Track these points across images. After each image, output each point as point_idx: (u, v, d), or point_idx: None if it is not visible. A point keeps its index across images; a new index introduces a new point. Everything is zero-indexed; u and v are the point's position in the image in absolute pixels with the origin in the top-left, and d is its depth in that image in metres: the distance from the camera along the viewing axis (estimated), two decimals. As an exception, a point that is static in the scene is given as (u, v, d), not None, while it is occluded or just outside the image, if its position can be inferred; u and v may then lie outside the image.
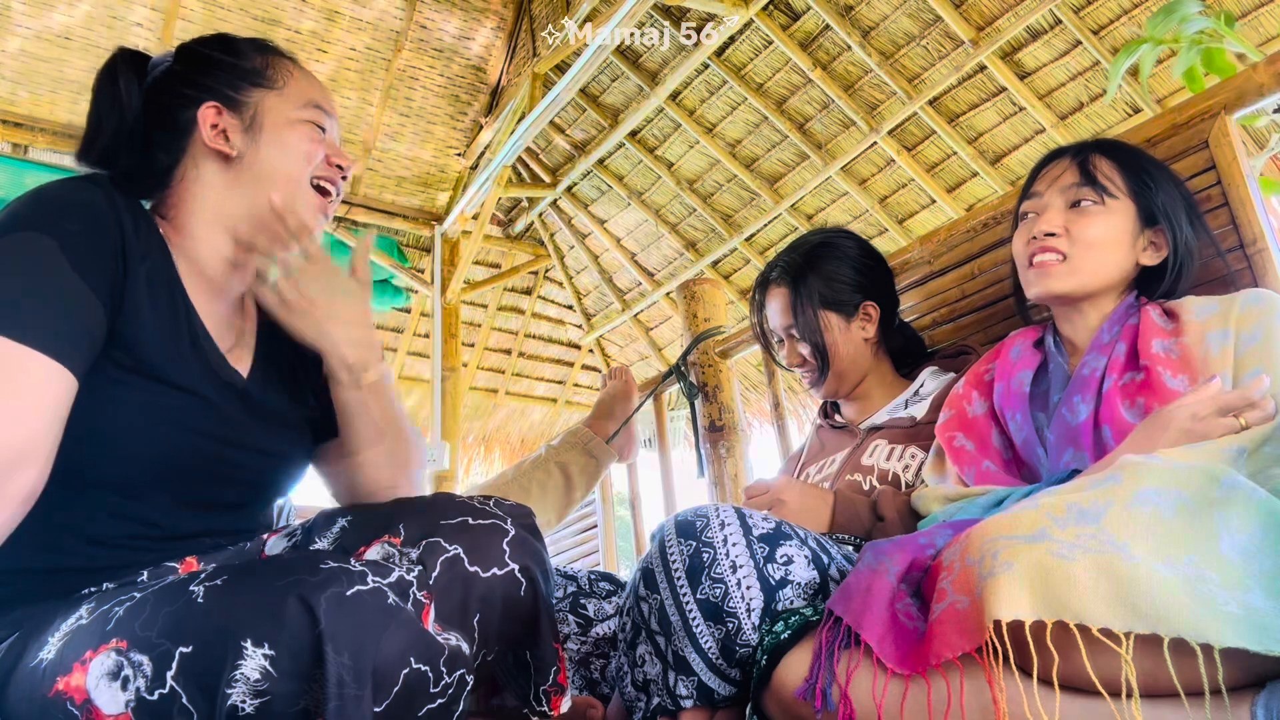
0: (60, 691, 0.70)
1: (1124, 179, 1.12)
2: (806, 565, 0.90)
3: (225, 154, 0.98)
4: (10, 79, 4.02)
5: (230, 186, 0.98)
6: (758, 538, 0.89)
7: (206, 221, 0.98)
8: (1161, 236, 1.13)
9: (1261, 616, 0.58)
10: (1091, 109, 3.74)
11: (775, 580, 0.87)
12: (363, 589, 0.67)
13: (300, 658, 0.64)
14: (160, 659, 0.67)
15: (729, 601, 0.86)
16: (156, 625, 0.69)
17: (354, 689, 0.63)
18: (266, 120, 0.99)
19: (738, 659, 0.86)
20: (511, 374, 6.06)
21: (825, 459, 1.52)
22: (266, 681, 0.63)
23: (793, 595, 0.87)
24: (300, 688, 0.64)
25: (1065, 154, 1.17)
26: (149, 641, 0.68)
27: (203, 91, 0.99)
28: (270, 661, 0.63)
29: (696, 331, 2.16)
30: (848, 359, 1.49)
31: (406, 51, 4.63)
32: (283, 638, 0.64)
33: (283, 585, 0.66)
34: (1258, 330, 0.99)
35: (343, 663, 0.63)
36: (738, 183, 4.80)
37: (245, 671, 0.63)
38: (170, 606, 0.70)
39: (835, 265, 1.51)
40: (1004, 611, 0.63)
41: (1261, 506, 0.65)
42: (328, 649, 0.63)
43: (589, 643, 1.29)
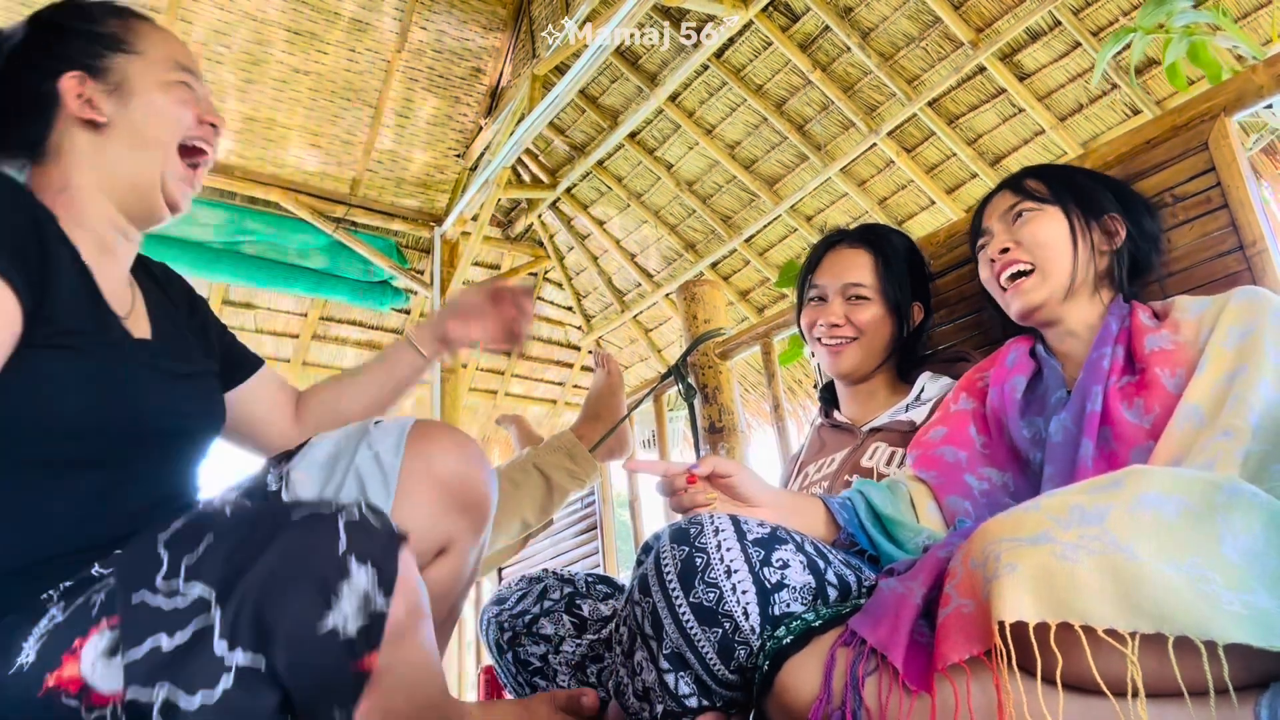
0: (52, 688, 0.69)
1: (1049, 187, 1.20)
2: (802, 570, 0.89)
3: (95, 121, 0.96)
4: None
5: (104, 153, 0.97)
6: (752, 542, 0.89)
7: (90, 191, 0.96)
8: (1115, 223, 1.19)
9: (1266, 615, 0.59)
10: (1090, 110, 3.74)
11: (771, 584, 0.87)
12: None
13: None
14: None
15: (724, 605, 0.86)
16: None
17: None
18: (135, 85, 0.98)
19: (736, 660, 0.86)
20: (511, 375, 6.07)
21: (824, 458, 1.52)
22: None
23: (789, 599, 0.87)
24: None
25: (1000, 187, 1.27)
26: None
27: (62, 61, 0.96)
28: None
29: (696, 333, 2.16)
30: (879, 343, 1.49)
31: (406, 53, 4.64)
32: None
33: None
34: (1249, 327, 0.99)
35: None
36: (737, 184, 4.80)
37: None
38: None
39: (905, 261, 1.52)
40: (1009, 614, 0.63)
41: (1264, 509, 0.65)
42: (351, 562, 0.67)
43: (584, 645, 1.29)
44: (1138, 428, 1.01)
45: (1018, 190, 1.22)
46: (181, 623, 0.66)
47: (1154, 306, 1.15)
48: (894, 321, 1.49)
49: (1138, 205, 1.23)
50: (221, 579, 0.67)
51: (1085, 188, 1.21)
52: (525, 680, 1.33)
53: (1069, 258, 1.16)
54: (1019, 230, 1.18)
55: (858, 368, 1.50)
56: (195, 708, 0.63)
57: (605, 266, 5.67)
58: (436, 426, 1.04)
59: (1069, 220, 1.17)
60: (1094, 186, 1.22)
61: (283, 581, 0.66)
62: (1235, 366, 0.97)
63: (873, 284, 1.48)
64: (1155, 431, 0.99)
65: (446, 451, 1.00)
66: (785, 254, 4.89)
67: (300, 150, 4.77)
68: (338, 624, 0.66)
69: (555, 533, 2.78)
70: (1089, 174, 1.26)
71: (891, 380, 1.53)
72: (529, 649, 1.33)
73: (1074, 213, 1.17)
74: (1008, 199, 1.22)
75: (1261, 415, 0.90)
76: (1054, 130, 3.84)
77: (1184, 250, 1.29)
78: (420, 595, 0.76)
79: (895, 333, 1.49)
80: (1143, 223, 1.21)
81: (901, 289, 1.49)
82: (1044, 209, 1.18)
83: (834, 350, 1.50)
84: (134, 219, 1.00)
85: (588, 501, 2.71)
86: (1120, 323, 1.13)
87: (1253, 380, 0.93)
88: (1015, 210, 1.20)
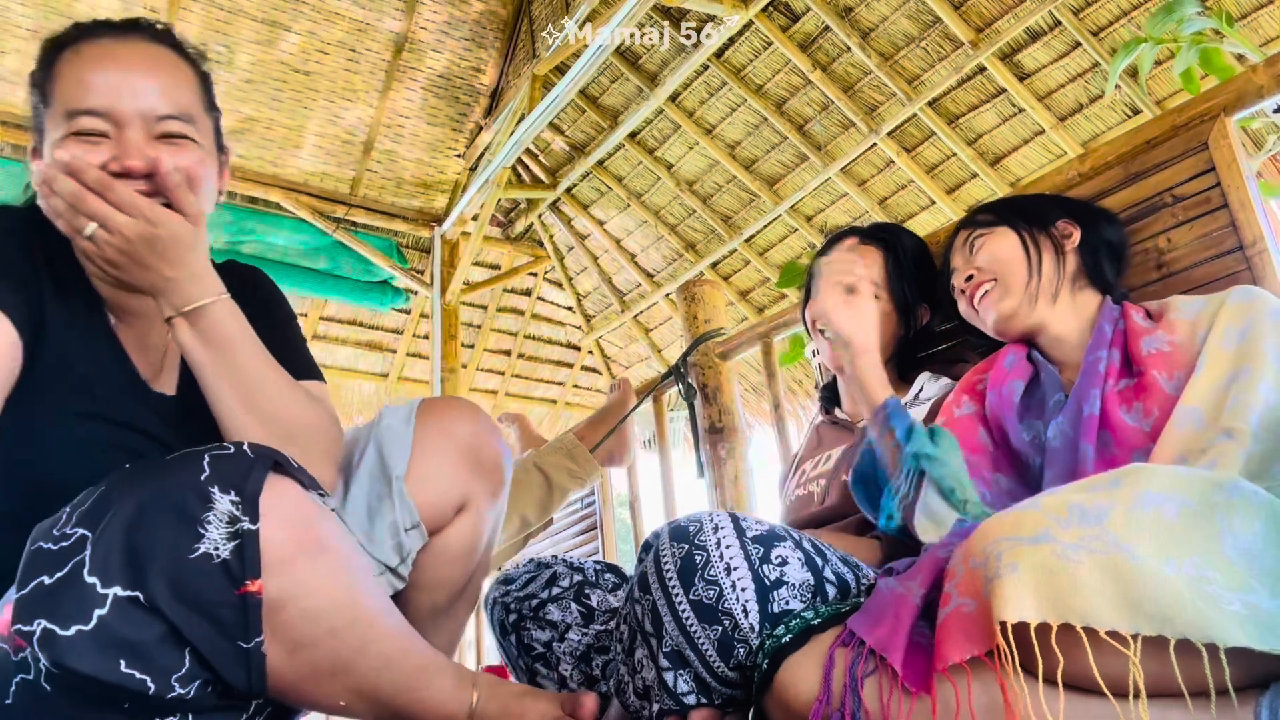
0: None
1: (995, 214, 1.29)
2: (801, 566, 0.89)
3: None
4: (9, 80, 4.02)
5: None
6: (752, 539, 0.89)
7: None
8: (1067, 227, 1.25)
9: (1266, 616, 0.59)
10: (1091, 110, 3.74)
11: (770, 581, 0.87)
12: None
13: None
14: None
15: (724, 602, 0.86)
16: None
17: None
18: (45, 145, 0.90)
19: (736, 657, 0.86)
20: (511, 375, 6.06)
21: (821, 454, 1.52)
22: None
23: (788, 596, 0.87)
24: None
25: (955, 230, 1.36)
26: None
27: (34, 121, 0.94)
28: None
29: (696, 333, 2.16)
30: (882, 340, 1.46)
31: (406, 52, 4.63)
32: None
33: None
34: (1246, 328, 0.99)
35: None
36: (737, 184, 4.80)
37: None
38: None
39: (915, 261, 1.52)
40: (1010, 614, 0.63)
41: (1264, 507, 0.65)
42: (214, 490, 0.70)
43: (590, 635, 1.28)
44: (1137, 431, 1.01)
45: (969, 225, 1.31)
46: (61, 562, 0.68)
47: (1148, 307, 1.16)
48: (899, 320, 1.49)
49: (1091, 211, 1.29)
50: (95, 518, 0.69)
51: (1030, 205, 1.30)
52: (527, 665, 1.33)
53: (1024, 265, 1.21)
54: (976, 257, 1.26)
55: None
56: (71, 634, 0.66)
57: (605, 266, 5.67)
58: (446, 398, 1.11)
59: (1018, 233, 1.24)
60: (1039, 202, 1.31)
61: (150, 515, 0.68)
62: (1234, 367, 0.97)
63: (881, 281, 1.48)
64: (1155, 435, 0.99)
65: (458, 416, 1.07)
66: (785, 254, 4.89)
67: (300, 150, 4.77)
68: (210, 549, 0.68)
69: (555, 532, 2.78)
70: (1037, 195, 1.38)
71: (892, 379, 1.53)
72: (534, 634, 1.32)
73: (1021, 226, 1.25)
74: (963, 234, 1.31)
75: (1262, 416, 0.90)
76: (1054, 130, 3.83)
77: (1184, 250, 1.29)
78: (313, 527, 0.76)
79: (900, 332, 1.49)
80: (1097, 225, 1.26)
81: (910, 288, 1.49)
82: (993, 230, 1.26)
83: (832, 345, 1.50)
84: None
85: (588, 501, 2.71)
86: (1114, 325, 1.13)
87: (1253, 381, 0.93)
88: (969, 242, 1.29)
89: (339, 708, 0.80)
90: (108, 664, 0.66)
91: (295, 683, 0.75)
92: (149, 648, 0.67)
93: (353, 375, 5.50)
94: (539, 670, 1.31)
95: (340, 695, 0.79)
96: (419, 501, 1.02)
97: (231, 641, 0.70)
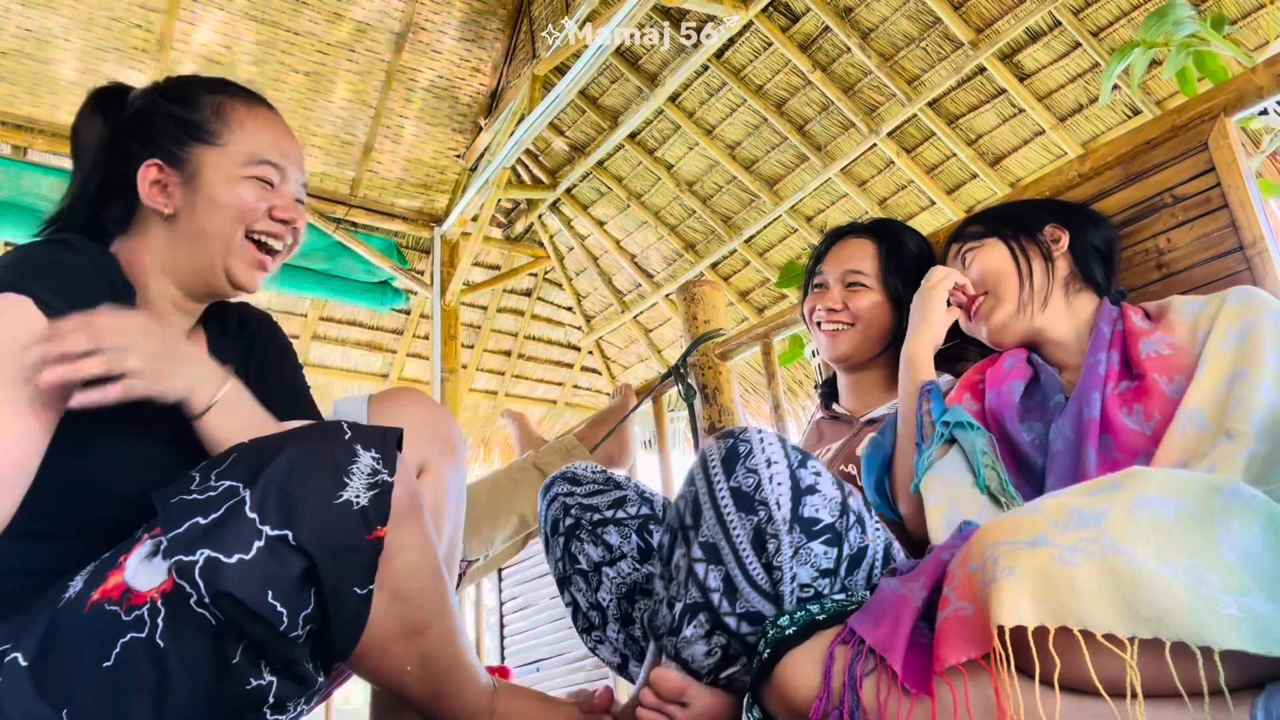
0: (96, 600, 0.77)
1: (984, 224, 1.32)
2: (832, 484, 0.92)
3: (161, 211, 1.01)
4: (9, 80, 4.02)
5: (171, 240, 1.02)
6: (792, 447, 0.93)
7: (154, 271, 1.02)
8: (1056, 231, 1.26)
9: (1261, 619, 0.59)
10: (1090, 111, 3.74)
11: (805, 485, 0.89)
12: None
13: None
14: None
15: (760, 492, 0.88)
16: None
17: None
18: (204, 177, 1.01)
19: (766, 554, 0.87)
20: (511, 375, 6.07)
21: (822, 448, 1.53)
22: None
23: (819, 505, 0.89)
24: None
25: (948, 243, 1.38)
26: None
27: (148, 147, 1.01)
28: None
29: (696, 333, 2.16)
30: (876, 331, 1.50)
31: (406, 53, 4.64)
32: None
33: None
34: (1246, 329, 0.99)
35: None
36: (737, 184, 4.80)
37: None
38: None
39: (913, 256, 1.54)
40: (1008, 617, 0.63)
41: (1262, 511, 0.65)
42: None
43: (642, 573, 1.22)
44: (1138, 434, 1.01)
45: (960, 238, 1.34)
46: (215, 506, 0.76)
47: (1147, 307, 1.16)
48: (893, 311, 1.50)
49: (1079, 214, 1.31)
50: (247, 472, 0.77)
51: (1017, 212, 1.32)
52: (566, 571, 1.26)
53: (1015, 276, 1.24)
54: (969, 271, 1.29)
55: (852, 353, 1.51)
56: (233, 562, 0.73)
57: (605, 267, 5.67)
58: (398, 389, 1.19)
59: (1007, 244, 1.26)
60: (1027, 209, 1.33)
61: (303, 467, 0.77)
62: (1235, 369, 0.97)
63: (873, 272, 1.51)
64: (1156, 438, 0.99)
65: (407, 400, 1.14)
66: (785, 254, 4.89)
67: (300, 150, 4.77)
68: (351, 497, 0.77)
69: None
70: (1024, 202, 1.40)
71: (890, 373, 1.54)
72: (586, 547, 1.24)
73: (1010, 236, 1.27)
74: (954, 248, 1.34)
75: (1264, 417, 0.90)
76: (1054, 130, 3.83)
77: (1184, 250, 1.29)
78: (416, 489, 0.86)
79: (894, 323, 1.50)
80: (1085, 228, 1.28)
81: (904, 281, 1.49)
82: (983, 243, 1.29)
83: (831, 335, 1.52)
84: (194, 296, 1.05)
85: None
86: (1112, 327, 1.13)
87: (1254, 382, 0.93)
88: (961, 255, 1.31)
89: (403, 673, 0.87)
90: (260, 593, 0.73)
91: (382, 639, 0.84)
92: (289, 584, 0.74)
93: (352, 375, 5.51)
94: (576, 584, 1.25)
95: (411, 658, 0.86)
96: None
97: (350, 585, 0.78)
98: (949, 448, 1.17)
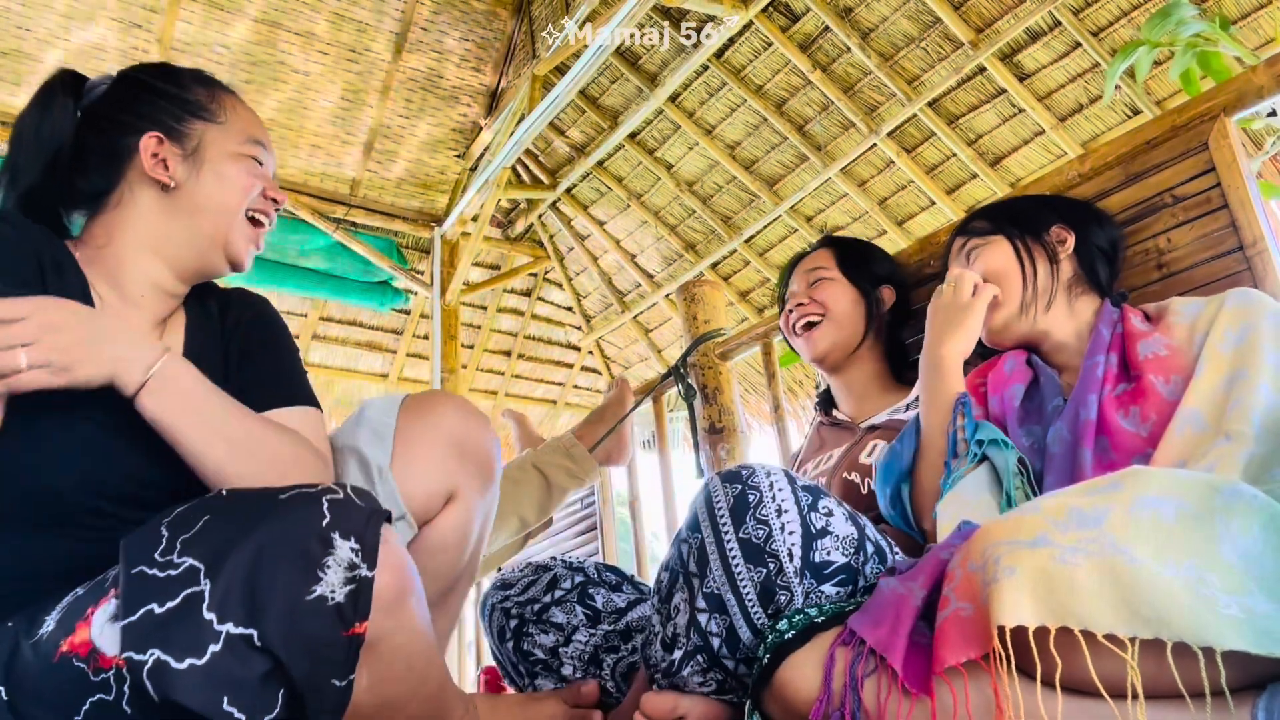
0: (65, 653, 0.73)
1: (990, 221, 1.30)
2: (845, 521, 0.90)
3: (164, 183, 0.99)
4: (9, 80, 4.02)
5: (166, 214, 1.00)
6: (802, 488, 0.91)
7: (137, 246, 0.99)
8: (1062, 232, 1.25)
9: (1262, 619, 0.59)
10: (1091, 111, 3.74)
11: (816, 529, 0.88)
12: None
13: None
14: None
15: (771, 544, 0.86)
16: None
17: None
18: (208, 152, 1.02)
19: (775, 604, 0.86)
20: (511, 375, 6.07)
21: (823, 455, 1.53)
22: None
23: (831, 546, 0.88)
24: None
25: (953, 234, 1.37)
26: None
27: (145, 120, 1.00)
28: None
29: (696, 333, 2.16)
30: (848, 320, 1.53)
31: (406, 53, 4.64)
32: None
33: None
34: (1244, 331, 0.99)
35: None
36: (737, 184, 4.80)
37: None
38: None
39: (864, 251, 1.63)
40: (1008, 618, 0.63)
41: (1263, 511, 0.65)
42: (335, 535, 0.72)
43: (598, 635, 1.27)
44: (1135, 436, 1.01)
45: (965, 232, 1.32)
46: (173, 592, 0.69)
47: (1147, 309, 1.15)
48: (861, 299, 1.53)
49: (1086, 214, 1.29)
50: (211, 553, 0.70)
51: (1025, 211, 1.30)
52: (526, 670, 1.31)
53: (1019, 278, 1.23)
54: (973, 269, 1.27)
55: (831, 348, 1.53)
56: (184, 668, 0.67)
57: (605, 267, 5.67)
58: (434, 392, 1.11)
59: (1013, 244, 1.25)
60: (1035, 207, 1.31)
61: (271, 557, 0.70)
62: (1234, 370, 0.97)
63: (833, 264, 1.57)
64: (1153, 440, 0.99)
65: (444, 408, 1.07)
66: (785, 254, 4.89)
67: (300, 150, 4.77)
68: (326, 593, 0.70)
69: (555, 532, 2.78)
70: (1032, 198, 1.37)
71: (884, 378, 1.55)
72: (537, 638, 1.30)
73: (1015, 236, 1.25)
74: (959, 242, 1.32)
75: (1263, 418, 0.90)
76: (1054, 130, 3.83)
77: (1184, 250, 1.29)
78: (410, 572, 0.79)
79: (867, 312, 1.53)
80: (1090, 229, 1.26)
81: (861, 270, 1.56)
82: (988, 241, 1.27)
83: (806, 335, 1.55)
84: (183, 275, 1.02)
85: (588, 501, 2.70)
86: (1112, 329, 1.13)
87: (1253, 383, 0.93)
88: (966, 250, 1.30)
89: None
90: (213, 700, 0.67)
91: (366, 716, 0.77)
92: (251, 685, 0.68)
93: (353, 375, 5.51)
94: (538, 675, 1.29)
95: None
96: (404, 492, 1.03)
97: (328, 679, 0.71)
98: (976, 465, 1.14)
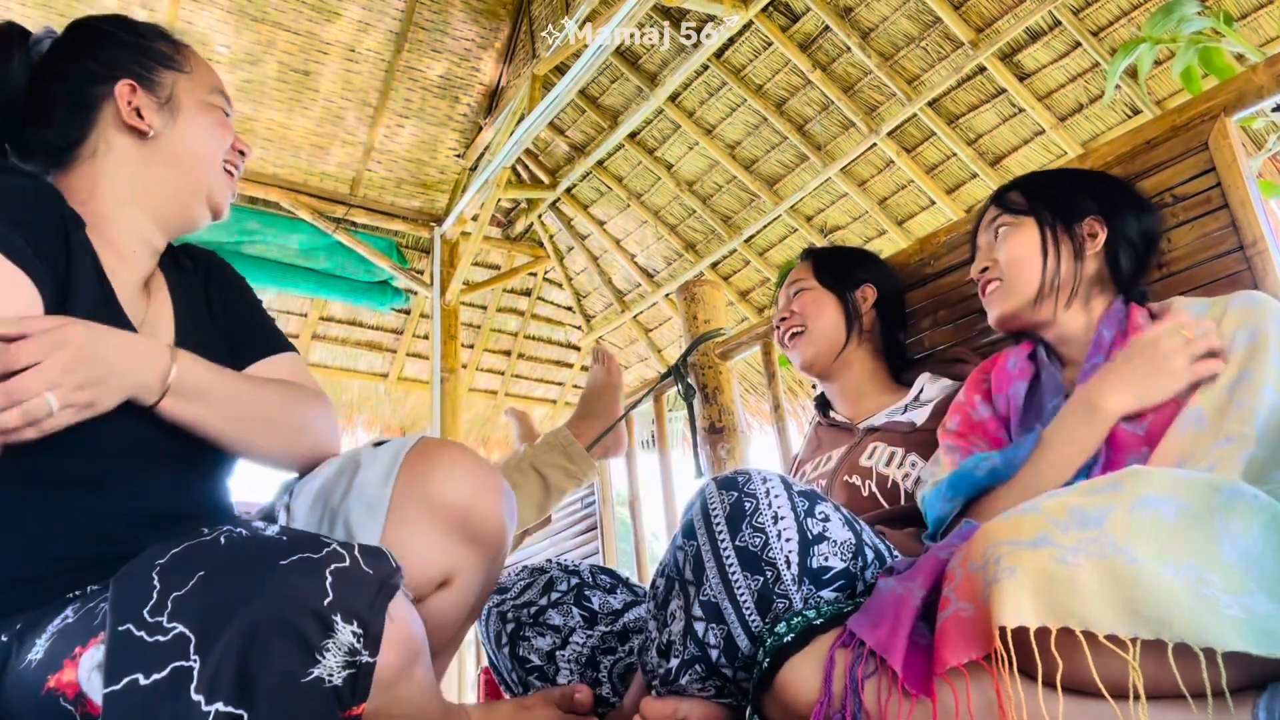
0: (52, 689, 0.70)
1: (1027, 197, 1.25)
2: (842, 526, 0.90)
3: (141, 131, 0.97)
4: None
5: (146, 163, 0.98)
6: (799, 493, 0.90)
7: (121, 200, 0.96)
8: (1094, 226, 1.20)
9: (1263, 619, 0.59)
10: (1091, 110, 3.74)
11: (813, 535, 0.87)
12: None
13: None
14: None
15: (768, 551, 0.85)
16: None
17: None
18: (181, 101, 1.01)
19: (773, 612, 0.85)
20: (511, 375, 6.06)
21: (821, 456, 1.52)
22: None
23: (829, 552, 0.87)
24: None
25: (989, 201, 1.31)
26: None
27: (115, 69, 0.98)
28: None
29: (696, 333, 2.16)
30: (826, 324, 1.55)
31: (406, 52, 4.63)
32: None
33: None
34: (1251, 334, 0.99)
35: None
36: (737, 184, 4.80)
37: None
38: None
39: (844, 255, 1.66)
40: (1009, 618, 0.63)
41: (1263, 511, 0.65)
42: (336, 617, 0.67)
43: (595, 636, 1.27)
44: (1131, 435, 1.01)
45: (999, 203, 1.27)
46: (160, 663, 0.65)
47: (1151, 308, 1.15)
48: (838, 302, 1.56)
49: (1125, 204, 1.22)
50: (204, 620, 0.66)
51: (1064, 194, 1.23)
52: (520, 678, 1.31)
53: (1037, 270, 1.19)
54: (999, 246, 1.24)
55: (815, 357, 1.55)
56: None
57: (605, 266, 5.67)
58: (443, 447, 0.95)
59: (1041, 231, 1.21)
60: (1074, 191, 1.23)
61: (267, 635, 0.65)
62: (1238, 372, 0.97)
63: (809, 276, 1.61)
64: (1150, 439, 0.99)
65: (450, 475, 0.92)
66: (785, 254, 4.89)
67: (300, 150, 4.77)
68: (323, 675, 0.66)
69: (555, 532, 2.78)
70: (1075, 177, 1.27)
71: (879, 378, 1.55)
72: (534, 642, 1.29)
73: (1046, 222, 1.21)
74: (992, 212, 1.27)
75: (1266, 420, 0.90)
76: (1054, 130, 3.83)
77: (1184, 250, 1.29)
78: (416, 638, 0.75)
79: (844, 313, 1.56)
80: (1126, 222, 1.21)
81: (837, 276, 1.59)
82: (1019, 221, 1.22)
83: (793, 346, 1.59)
84: (166, 228, 1.01)
85: (587, 501, 2.70)
86: (1114, 329, 1.13)
87: (1257, 386, 0.93)
88: (996, 225, 1.25)
89: None
90: None
91: None
92: None
93: (352, 375, 5.51)
94: (532, 683, 1.28)
95: None
96: None
97: None
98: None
